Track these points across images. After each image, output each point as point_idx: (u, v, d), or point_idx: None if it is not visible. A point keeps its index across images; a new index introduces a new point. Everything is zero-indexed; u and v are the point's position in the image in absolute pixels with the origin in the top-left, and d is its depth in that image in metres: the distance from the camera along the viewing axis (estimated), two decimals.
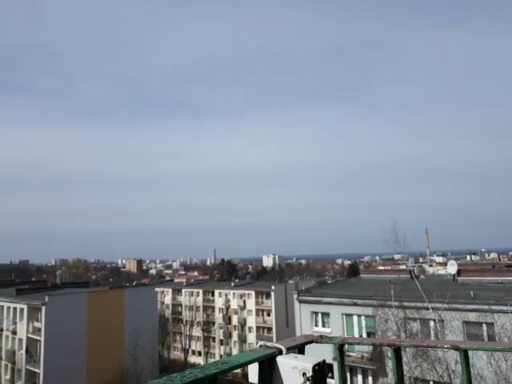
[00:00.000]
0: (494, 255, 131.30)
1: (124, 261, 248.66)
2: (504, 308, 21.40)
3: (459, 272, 31.15)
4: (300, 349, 2.52)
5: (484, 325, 22.95)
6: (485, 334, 23.19)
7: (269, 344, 2.41)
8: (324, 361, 2.22)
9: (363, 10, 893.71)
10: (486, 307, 22.44)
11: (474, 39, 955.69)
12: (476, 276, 30.29)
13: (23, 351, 43.21)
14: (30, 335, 42.94)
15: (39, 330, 41.62)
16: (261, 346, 2.42)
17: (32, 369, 41.69)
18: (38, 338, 41.29)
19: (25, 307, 44.08)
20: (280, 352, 2.33)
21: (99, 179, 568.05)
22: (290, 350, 2.38)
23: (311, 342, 2.61)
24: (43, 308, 40.96)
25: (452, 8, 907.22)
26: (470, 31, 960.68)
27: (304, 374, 2.16)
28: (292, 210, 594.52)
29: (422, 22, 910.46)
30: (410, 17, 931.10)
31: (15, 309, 45.73)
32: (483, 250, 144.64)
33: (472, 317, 22.89)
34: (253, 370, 2.29)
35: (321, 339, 2.63)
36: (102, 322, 42.94)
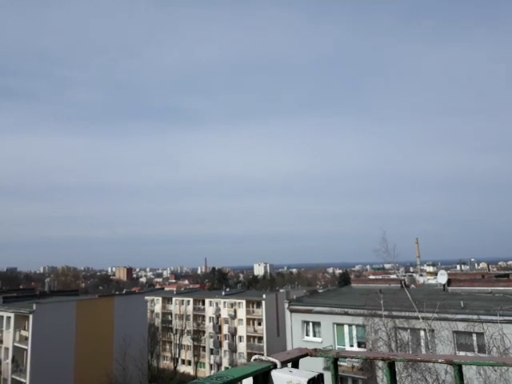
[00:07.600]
0: (483, 265, 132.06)
1: (114, 269, 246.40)
2: (493, 318, 21.50)
3: (449, 282, 31.31)
4: (294, 362, 2.51)
5: (474, 334, 23.04)
6: (475, 343, 23.28)
7: (263, 358, 2.39)
8: (319, 375, 2.21)
9: (356, 24, 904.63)
10: (475, 317, 22.54)
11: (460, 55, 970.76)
12: (466, 286, 30.47)
13: (9, 360, 42.42)
14: (16, 344, 42.18)
15: (26, 338, 40.92)
16: (255, 359, 2.40)
17: (18, 378, 40.89)
18: (25, 346, 40.56)
19: (12, 315, 43.33)
20: (274, 366, 2.32)
21: (89, 186, 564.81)
22: (284, 363, 2.37)
23: (306, 355, 2.59)
24: (31, 316, 40.30)
25: (438, 26, 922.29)
26: (450, 47, 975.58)
27: None
28: (284, 219, 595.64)
29: (410, 38, 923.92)
30: (398, 33, 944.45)
31: (2, 317, 44.91)
32: (473, 259, 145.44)
33: (462, 326, 22.97)
34: None
35: (315, 352, 2.62)
36: (91, 331, 42.35)
